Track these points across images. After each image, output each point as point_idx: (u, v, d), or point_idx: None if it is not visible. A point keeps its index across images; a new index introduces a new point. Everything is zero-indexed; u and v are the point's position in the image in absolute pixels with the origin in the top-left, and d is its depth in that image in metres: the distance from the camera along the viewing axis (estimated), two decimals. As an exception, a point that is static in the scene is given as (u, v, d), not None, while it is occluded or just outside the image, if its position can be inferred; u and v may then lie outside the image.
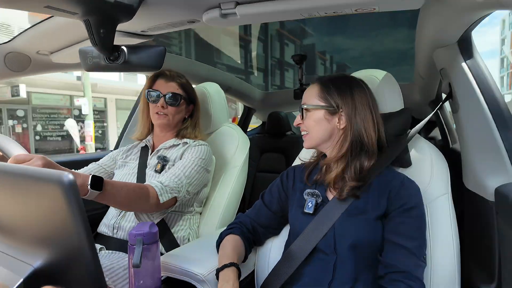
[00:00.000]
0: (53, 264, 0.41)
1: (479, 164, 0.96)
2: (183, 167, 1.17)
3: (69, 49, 1.19)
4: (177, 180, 1.12)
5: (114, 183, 0.94)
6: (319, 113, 0.94)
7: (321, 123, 0.93)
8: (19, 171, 0.38)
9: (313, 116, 0.94)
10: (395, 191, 0.86)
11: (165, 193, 1.06)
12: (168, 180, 1.11)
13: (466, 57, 1.00)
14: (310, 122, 0.95)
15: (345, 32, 1.94)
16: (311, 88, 0.98)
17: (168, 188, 1.08)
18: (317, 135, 0.95)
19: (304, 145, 0.99)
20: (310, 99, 0.96)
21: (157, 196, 1.04)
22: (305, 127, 0.96)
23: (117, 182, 0.96)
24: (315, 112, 0.94)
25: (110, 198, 0.93)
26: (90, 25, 0.75)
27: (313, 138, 0.95)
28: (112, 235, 1.18)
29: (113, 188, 0.92)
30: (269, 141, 2.68)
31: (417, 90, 2.02)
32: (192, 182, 1.17)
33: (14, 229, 0.45)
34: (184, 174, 1.15)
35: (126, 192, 0.96)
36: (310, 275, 0.86)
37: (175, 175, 1.14)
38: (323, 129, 0.93)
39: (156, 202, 1.04)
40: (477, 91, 0.97)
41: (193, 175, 1.18)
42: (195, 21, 0.95)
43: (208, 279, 0.90)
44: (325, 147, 0.96)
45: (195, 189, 1.20)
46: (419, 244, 0.80)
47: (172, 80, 1.28)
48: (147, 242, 0.81)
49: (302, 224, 0.90)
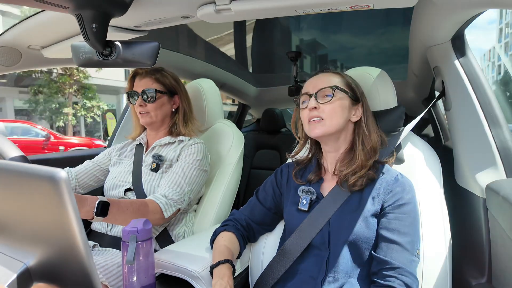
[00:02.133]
0: (46, 261, 0.40)
1: (470, 161, 0.97)
2: (183, 174, 1.16)
3: (61, 44, 1.17)
4: (179, 190, 1.12)
5: (119, 205, 0.94)
6: (345, 100, 0.91)
7: (344, 111, 0.90)
8: (11, 168, 0.38)
9: (337, 102, 0.89)
10: (389, 187, 0.87)
11: (169, 208, 1.08)
12: (171, 192, 1.11)
13: (459, 55, 1.02)
14: (333, 107, 0.89)
15: (349, 31, 1.94)
16: (329, 76, 0.93)
17: (172, 201, 1.09)
18: (336, 122, 0.89)
19: (313, 132, 0.90)
20: (334, 83, 0.91)
21: (161, 212, 1.05)
22: (322, 113, 0.89)
23: (122, 202, 0.96)
24: (341, 98, 0.90)
25: (116, 219, 0.95)
26: (82, 19, 0.74)
27: (330, 125, 0.89)
28: (106, 232, 1.18)
29: (118, 211, 0.93)
30: (264, 138, 2.68)
31: (411, 88, 2.03)
32: (194, 188, 1.18)
33: (6, 226, 0.44)
34: (185, 181, 1.15)
35: (131, 212, 0.97)
36: (304, 271, 0.86)
37: (176, 183, 1.13)
38: (344, 118, 0.91)
39: (161, 217, 1.06)
40: (470, 89, 0.98)
41: (193, 180, 1.18)
42: (189, 17, 0.95)
43: (202, 275, 0.90)
44: (333, 138, 0.93)
45: (195, 194, 1.21)
46: (412, 240, 0.81)
47: (146, 76, 1.25)
48: (141, 239, 0.81)
49: (297, 221, 0.91)
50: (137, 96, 1.24)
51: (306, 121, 0.93)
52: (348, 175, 0.89)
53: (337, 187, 0.90)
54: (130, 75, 1.31)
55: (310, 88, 0.93)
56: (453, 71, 1.02)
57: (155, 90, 1.24)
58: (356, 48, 2.19)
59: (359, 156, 0.90)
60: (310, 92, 0.92)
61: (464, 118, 1.01)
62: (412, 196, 0.86)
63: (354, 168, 0.89)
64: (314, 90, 0.91)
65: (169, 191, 1.10)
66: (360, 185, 0.87)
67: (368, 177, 0.88)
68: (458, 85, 1.01)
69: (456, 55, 1.02)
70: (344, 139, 0.94)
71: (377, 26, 1.81)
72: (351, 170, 0.89)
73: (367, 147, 0.91)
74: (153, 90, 1.24)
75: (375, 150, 0.92)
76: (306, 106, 0.92)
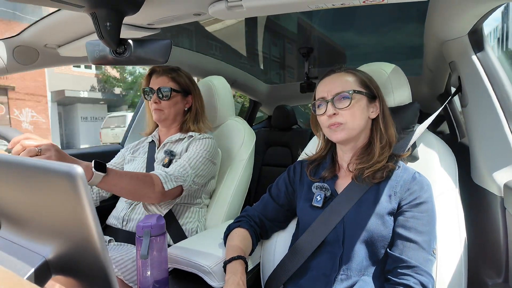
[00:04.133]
0: (64, 255, 0.42)
1: (488, 159, 0.95)
2: (188, 158, 1.19)
3: (77, 43, 1.19)
4: (182, 170, 1.13)
5: (117, 170, 0.96)
6: (363, 101, 0.89)
7: (363, 111, 0.89)
8: (30, 164, 0.39)
9: (356, 105, 0.87)
10: (407, 185, 0.85)
11: (169, 181, 1.07)
12: (173, 170, 1.12)
13: (476, 50, 0.99)
14: (352, 111, 0.87)
15: (354, 28, 1.91)
16: (343, 76, 0.91)
17: (173, 176, 1.09)
18: (357, 124, 0.88)
19: (335, 138, 0.89)
20: (351, 85, 0.89)
21: (161, 184, 1.05)
22: (341, 118, 0.87)
23: (120, 170, 0.98)
24: (359, 100, 0.88)
25: (115, 183, 0.94)
26: (96, 18, 0.76)
27: (351, 129, 0.88)
28: (121, 227, 1.20)
29: (116, 174, 0.94)
30: (275, 135, 2.67)
31: (425, 84, 1.99)
32: (198, 173, 1.18)
33: (26, 221, 0.46)
34: (189, 164, 1.16)
35: (130, 178, 0.97)
36: (316, 268, 0.86)
37: (180, 165, 1.15)
38: (364, 119, 0.89)
39: (162, 190, 1.05)
40: (487, 85, 0.95)
41: (198, 166, 1.19)
42: (201, 14, 0.95)
43: (214, 270, 0.91)
44: (355, 139, 0.91)
45: (202, 180, 1.21)
46: (429, 239, 0.80)
47: (163, 74, 1.29)
48: (154, 234, 0.82)
49: (310, 217, 0.91)
50: (152, 93, 1.27)
51: (325, 126, 0.91)
52: (363, 169, 0.88)
53: (353, 183, 0.89)
54: (148, 72, 1.34)
55: (325, 92, 0.90)
56: (470, 66, 0.99)
57: (170, 89, 1.27)
58: (361, 46, 2.15)
59: (377, 151, 0.89)
60: (327, 97, 0.89)
61: (482, 115, 0.98)
62: (429, 195, 0.85)
63: (372, 163, 0.88)
64: (330, 95, 0.89)
65: (171, 169, 1.13)
66: (381, 177, 0.86)
67: (388, 169, 0.87)
68: (475, 81, 0.99)
69: (473, 49, 0.99)
70: (364, 136, 0.93)
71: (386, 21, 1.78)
72: (368, 165, 0.88)
73: (384, 142, 0.90)
74: (169, 88, 1.27)
75: (391, 144, 0.92)
76: (323, 112, 0.90)
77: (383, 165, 0.87)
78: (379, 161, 0.88)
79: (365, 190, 0.87)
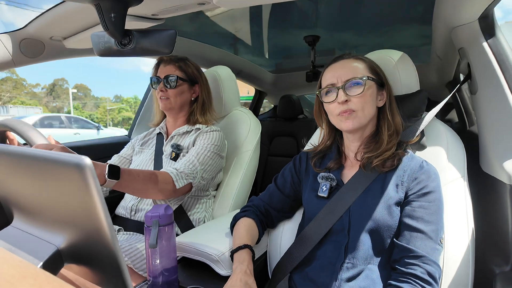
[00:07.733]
0: (76, 244, 0.43)
1: (497, 147, 0.93)
2: (196, 154, 1.19)
3: (82, 34, 1.19)
4: (191, 167, 1.14)
5: (130, 171, 0.96)
6: (373, 88, 0.88)
7: (373, 99, 0.88)
8: (41, 156, 0.39)
9: (368, 91, 0.86)
10: (414, 174, 0.84)
11: (180, 179, 1.09)
12: (183, 166, 1.13)
13: (487, 36, 0.96)
14: (364, 98, 0.85)
15: (354, 29, 1.88)
16: (352, 62, 0.89)
17: (183, 174, 1.10)
18: (367, 112, 0.87)
19: (346, 126, 0.87)
20: (362, 72, 0.87)
21: (173, 182, 1.07)
22: (353, 105, 0.85)
23: (133, 170, 0.98)
24: (370, 87, 0.87)
25: (128, 186, 0.95)
26: (101, 9, 0.75)
27: (362, 117, 0.86)
28: (130, 217, 1.22)
29: (130, 176, 0.94)
30: (281, 125, 2.66)
31: (434, 71, 1.95)
32: (206, 168, 1.19)
33: (38, 212, 0.47)
34: (198, 160, 1.17)
35: (142, 179, 0.98)
36: (322, 257, 0.87)
37: (189, 161, 1.16)
38: (374, 107, 0.89)
39: (173, 188, 1.07)
40: (498, 72, 0.93)
41: (206, 161, 1.19)
42: (205, 3, 0.94)
43: (222, 259, 0.92)
44: (363, 128, 0.90)
45: (209, 175, 1.22)
46: (436, 228, 0.79)
47: (170, 63, 1.30)
48: (163, 224, 0.83)
49: (316, 207, 0.91)
50: (159, 82, 1.29)
51: (334, 114, 0.89)
52: (372, 158, 0.87)
53: (359, 173, 0.89)
54: (156, 63, 1.35)
55: (335, 78, 0.87)
56: (480, 53, 0.97)
57: (176, 77, 1.28)
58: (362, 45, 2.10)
59: (385, 139, 0.88)
60: (337, 84, 0.87)
61: (492, 102, 0.96)
62: (437, 184, 0.84)
63: (380, 152, 0.87)
64: (341, 82, 0.86)
65: (181, 166, 1.13)
66: (391, 165, 0.85)
67: (398, 157, 0.86)
68: (485, 68, 0.96)
69: (484, 35, 0.96)
70: (371, 125, 0.92)
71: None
72: (376, 153, 0.87)
73: (392, 130, 0.90)
74: (175, 76, 1.28)
75: (398, 132, 0.91)
76: (333, 99, 0.87)
77: (393, 153, 0.87)
78: (388, 149, 0.87)
79: (372, 179, 0.87)
